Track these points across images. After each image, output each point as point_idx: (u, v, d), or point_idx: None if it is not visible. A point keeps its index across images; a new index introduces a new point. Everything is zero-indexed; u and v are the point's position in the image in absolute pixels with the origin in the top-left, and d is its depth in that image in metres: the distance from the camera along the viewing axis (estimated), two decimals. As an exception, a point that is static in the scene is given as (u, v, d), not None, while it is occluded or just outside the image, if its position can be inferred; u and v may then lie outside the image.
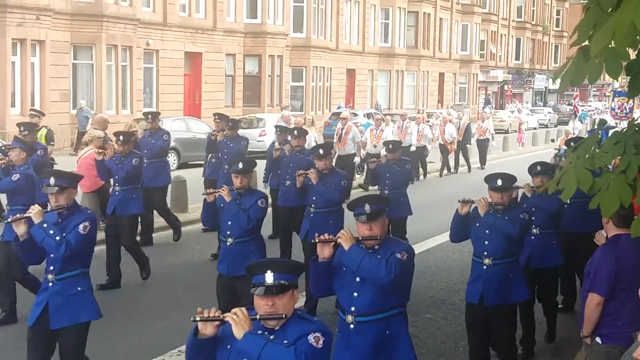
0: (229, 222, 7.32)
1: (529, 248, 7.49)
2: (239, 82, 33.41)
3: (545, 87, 68.57)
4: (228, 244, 7.36)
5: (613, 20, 3.61)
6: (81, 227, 5.80)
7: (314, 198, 8.85)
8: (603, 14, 4.03)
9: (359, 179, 19.03)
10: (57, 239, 5.71)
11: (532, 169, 7.86)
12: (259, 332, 3.65)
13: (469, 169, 23.70)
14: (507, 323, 6.59)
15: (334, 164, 10.99)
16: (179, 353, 7.26)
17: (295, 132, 11.40)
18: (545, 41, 68.79)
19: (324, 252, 4.75)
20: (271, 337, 3.64)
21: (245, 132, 25.76)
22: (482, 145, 24.84)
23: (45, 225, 5.74)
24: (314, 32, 36.16)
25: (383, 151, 11.51)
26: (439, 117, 25.19)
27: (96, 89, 25.90)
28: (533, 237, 7.59)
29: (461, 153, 23.77)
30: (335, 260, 4.83)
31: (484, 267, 6.51)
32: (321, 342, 3.62)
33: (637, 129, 4.57)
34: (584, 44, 4.15)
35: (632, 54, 4.34)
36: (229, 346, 3.69)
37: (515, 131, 35.22)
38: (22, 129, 11.08)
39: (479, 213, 6.50)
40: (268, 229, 12.35)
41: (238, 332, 3.58)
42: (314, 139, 16.00)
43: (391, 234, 5.02)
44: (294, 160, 11.05)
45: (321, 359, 3.63)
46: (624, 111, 20.73)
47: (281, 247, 10.79)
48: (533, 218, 7.41)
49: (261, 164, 12.62)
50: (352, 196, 16.40)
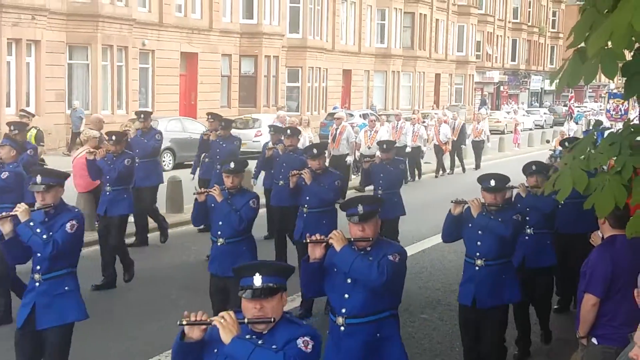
0: (220, 222, 7.28)
1: (523, 248, 7.47)
2: (234, 83, 33.38)
3: (541, 88, 68.69)
4: (219, 244, 7.32)
5: (610, 20, 3.61)
6: (68, 225, 5.70)
7: (307, 198, 8.82)
8: (599, 15, 4.04)
9: (355, 179, 19.01)
10: (44, 237, 5.60)
11: (527, 169, 7.81)
12: (247, 336, 3.59)
13: (463, 169, 23.72)
14: (498, 324, 6.54)
15: (327, 164, 10.98)
16: (174, 353, 7.25)
17: (288, 131, 11.36)
18: (541, 42, 68.90)
19: (315, 253, 4.69)
20: (259, 341, 3.58)
21: (241, 132, 25.76)
22: (477, 147, 24.83)
23: (31, 224, 5.64)
24: (310, 33, 36.15)
25: (378, 152, 11.48)
26: (433, 118, 25.20)
27: (92, 89, 25.84)
28: (527, 237, 7.56)
29: (455, 154, 23.78)
30: (327, 261, 4.77)
31: (476, 268, 6.47)
32: (310, 346, 3.58)
33: (632, 130, 4.58)
34: (580, 45, 4.16)
35: (628, 56, 4.34)
36: (216, 350, 3.64)
37: (511, 132, 35.26)
38: (13, 128, 10.92)
39: (471, 214, 6.46)
40: (263, 230, 12.35)
41: (225, 337, 3.51)
42: (308, 140, 15.99)
43: (383, 233, 4.96)
44: (287, 159, 11.01)
45: None
46: (619, 113, 20.82)
47: (276, 247, 10.77)
48: (527, 218, 7.38)
49: (255, 164, 12.64)
50: (347, 197, 16.43)
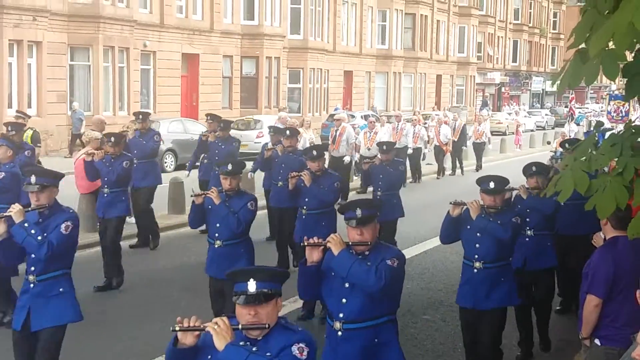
0: (218, 225, 7.24)
1: (523, 250, 7.43)
2: (236, 84, 33.39)
3: (543, 89, 68.67)
4: (216, 246, 7.28)
5: (612, 21, 3.62)
6: (63, 226, 5.65)
7: (306, 200, 8.79)
8: (600, 16, 4.04)
9: (357, 180, 18.99)
10: (39, 238, 5.55)
11: (527, 170, 7.74)
12: (240, 343, 3.53)
13: (462, 171, 23.53)
14: (496, 326, 6.47)
15: (327, 165, 10.95)
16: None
17: (288, 132, 11.31)
18: (543, 43, 68.90)
19: (312, 256, 4.64)
20: (254, 348, 3.52)
21: (242, 133, 25.83)
22: (478, 148, 24.75)
23: (26, 225, 5.57)
24: (311, 34, 36.15)
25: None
26: (434, 119, 25.18)
27: (93, 90, 25.85)
28: (527, 238, 7.50)
29: (455, 156, 23.62)
30: (324, 265, 4.70)
31: (475, 270, 6.43)
32: (305, 352, 3.52)
33: (633, 131, 4.58)
34: (581, 46, 4.16)
35: (629, 57, 4.35)
36: (209, 356, 3.58)
37: (513, 133, 35.27)
38: (10, 128, 10.83)
39: (470, 215, 6.40)
40: (265, 232, 12.35)
41: (219, 343, 3.45)
42: (309, 141, 15.97)
43: (381, 235, 4.90)
44: (286, 160, 10.96)
45: None
46: (620, 114, 20.81)
47: (278, 249, 10.77)
48: (528, 219, 7.36)
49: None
50: (349, 198, 16.42)
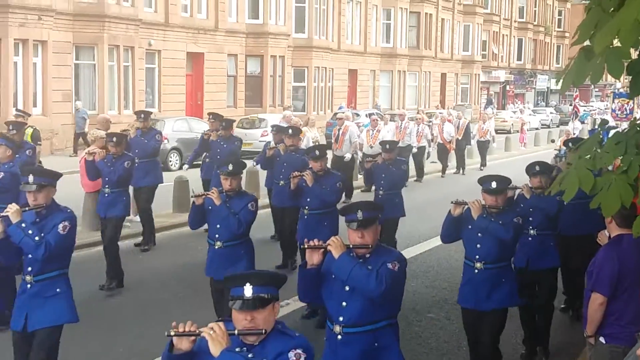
0: (218, 226, 7.21)
1: (526, 249, 7.41)
2: (240, 83, 33.42)
3: (547, 88, 68.55)
4: (216, 247, 7.25)
5: (617, 17, 3.61)
6: (60, 226, 5.61)
7: (308, 200, 8.75)
8: (605, 14, 4.04)
9: (361, 179, 18.95)
10: (36, 239, 5.50)
11: (531, 169, 7.65)
12: (237, 349, 3.47)
13: (463, 170, 23.39)
14: (496, 327, 6.43)
15: (330, 164, 10.90)
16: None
17: (290, 131, 11.27)
18: (547, 41, 68.77)
19: (313, 259, 4.57)
20: (250, 354, 3.47)
21: (247, 132, 25.90)
22: (483, 147, 24.71)
23: (23, 225, 5.53)
24: (316, 33, 36.15)
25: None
26: (438, 117, 25.12)
27: (98, 89, 25.91)
28: (530, 238, 7.45)
29: (458, 154, 23.47)
30: (325, 267, 4.64)
31: (475, 271, 6.39)
32: (302, 358, 3.47)
33: (638, 129, 4.57)
34: (585, 43, 4.16)
35: (634, 54, 4.35)
36: None
37: (518, 131, 35.22)
38: (11, 127, 10.72)
39: (471, 215, 6.35)
40: (270, 230, 12.37)
41: (215, 349, 3.38)
42: (312, 140, 15.95)
43: (381, 234, 4.84)
44: (288, 159, 10.92)
45: None
46: (624, 112, 20.77)
47: (282, 247, 10.79)
48: (530, 219, 7.33)
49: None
50: (354, 197, 16.43)
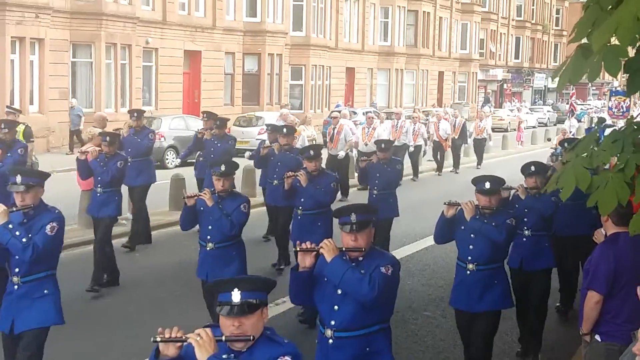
0: (210, 227, 7.15)
1: (520, 250, 7.38)
2: (238, 81, 33.40)
3: (545, 86, 68.61)
4: (208, 248, 7.20)
5: (616, 14, 3.61)
6: (48, 227, 5.53)
7: (302, 200, 8.71)
8: (602, 12, 4.03)
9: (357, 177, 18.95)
10: (24, 240, 5.43)
11: (526, 169, 7.56)
12: (224, 355, 3.41)
13: (456, 169, 23.30)
14: (489, 329, 6.38)
15: (325, 163, 10.86)
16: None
17: (284, 130, 11.22)
18: (545, 40, 68.82)
19: (304, 261, 4.49)
20: None
21: (244, 130, 25.89)
22: (480, 145, 24.68)
23: (10, 226, 5.45)
24: (314, 31, 36.14)
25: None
26: (434, 115, 25.11)
27: (95, 87, 25.88)
28: (525, 239, 7.40)
29: (454, 152, 23.42)
30: (317, 269, 4.56)
31: (468, 272, 6.34)
32: None
33: (635, 127, 4.57)
34: (582, 41, 4.15)
35: (631, 52, 4.34)
36: None
37: (515, 130, 35.24)
38: (2, 126, 10.42)
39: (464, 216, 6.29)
40: (264, 229, 12.37)
41: (201, 356, 3.30)
42: (307, 139, 15.92)
43: (375, 234, 4.76)
44: (282, 159, 10.88)
45: None
46: (621, 110, 20.78)
47: (278, 246, 10.76)
48: (525, 219, 7.31)
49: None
50: (350, 195, 16.43)
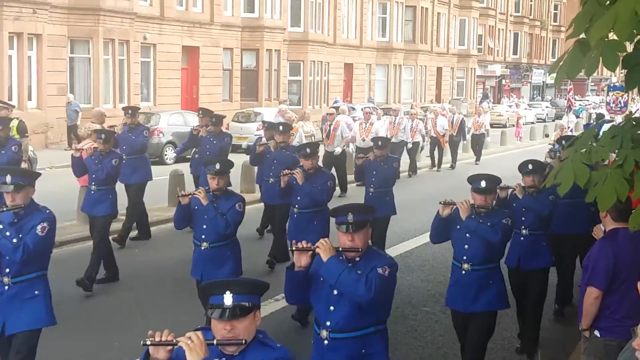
0: (205, 226, 7.07)
1: (518, 249, 7.36)
2: (236, 76, 33.37)
3: (543, 82, 68.61)
4: (202, 248, 7.13)
5: (614, 9, 3.60)
6: (39, 228, 5.46)
7: (298, 198, 8.64)
8: (600, 7, 4.02)
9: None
10: (14, 241, 5.36)
11: (523, 168, 7.47)
12: (215, 359, 3.36)
13: (453, 165, 23.32)
14: (485, 329, 6.32)
15: (322, 160, 10.82)
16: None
17: (281, 127, 11.14)
18: (543, 36, 68.79)
19: (300, 261, 4.43)
20: None
21: (242, 126, 25.90)
22: (478, 140, 24.64)
23: (1, 227, 5.40)
24: (312, 27, 36.11)
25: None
26: (432, 112, 25.10)
27: (93, 82, 25.84)
28: (522, 238, 7.36)
29: (452, 149, 23.40)
30: (313, 269, 4.50)
31: (463, 272, 6.25)
32: None
33: (634, 123, 4.57)
34: (580, 36, 4.15)
35: (629, 47, 4.33)
36: None
37: (513, 125, 35.25)
38: None
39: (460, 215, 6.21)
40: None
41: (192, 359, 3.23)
42: (304, 136, 15.89)
43: (371, 233, 4.71)
44: (278, 156, 10.81)
45: None
46: (619, 105, 20.80)
47: (274, 244, 10.74)
48: (523, 218, 7.27)
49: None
50: (349, 191, 16.42)
